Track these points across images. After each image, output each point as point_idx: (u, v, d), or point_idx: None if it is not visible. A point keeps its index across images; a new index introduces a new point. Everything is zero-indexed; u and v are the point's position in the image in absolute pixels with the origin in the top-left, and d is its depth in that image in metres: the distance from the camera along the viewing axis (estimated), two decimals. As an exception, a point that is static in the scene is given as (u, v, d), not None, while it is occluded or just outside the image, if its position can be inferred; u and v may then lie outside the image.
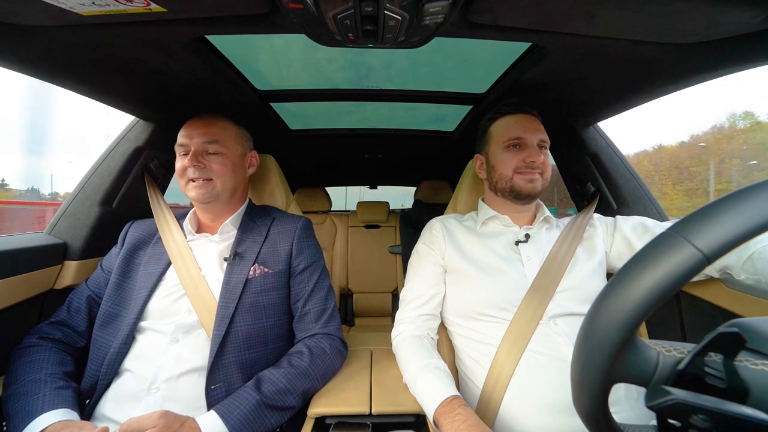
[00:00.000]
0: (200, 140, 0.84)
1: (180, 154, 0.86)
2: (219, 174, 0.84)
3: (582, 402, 0.35)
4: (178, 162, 0.85)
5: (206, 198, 0.84)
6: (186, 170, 0.83)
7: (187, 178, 0.83)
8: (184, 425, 0.58)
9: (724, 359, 0.31)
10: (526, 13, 0.58)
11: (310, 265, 0.88)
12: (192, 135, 0.84)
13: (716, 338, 0.31)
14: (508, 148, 0.85)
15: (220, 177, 0.84)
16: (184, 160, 0.83)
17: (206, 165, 0.83)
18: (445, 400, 0.64)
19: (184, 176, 0.84)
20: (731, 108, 74.80)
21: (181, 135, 0.86)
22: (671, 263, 0.28)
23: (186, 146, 0.84)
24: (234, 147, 0.89)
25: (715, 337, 0.31)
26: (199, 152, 0.83)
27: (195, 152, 0.82)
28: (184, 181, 0.85)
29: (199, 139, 0.84)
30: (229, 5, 0.56)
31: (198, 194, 0.83)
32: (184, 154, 0.84)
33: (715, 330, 0.31)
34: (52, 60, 0.70)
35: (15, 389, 0.65)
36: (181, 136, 0.85)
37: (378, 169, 2.52)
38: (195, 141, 0.84)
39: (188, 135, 0.84)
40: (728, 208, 0.27)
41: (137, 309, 0.75)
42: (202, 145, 0.84)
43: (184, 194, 0.86)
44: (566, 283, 0.76)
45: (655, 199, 1.06)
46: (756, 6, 0.53)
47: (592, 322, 0.32)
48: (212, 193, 0.84)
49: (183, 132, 0.86)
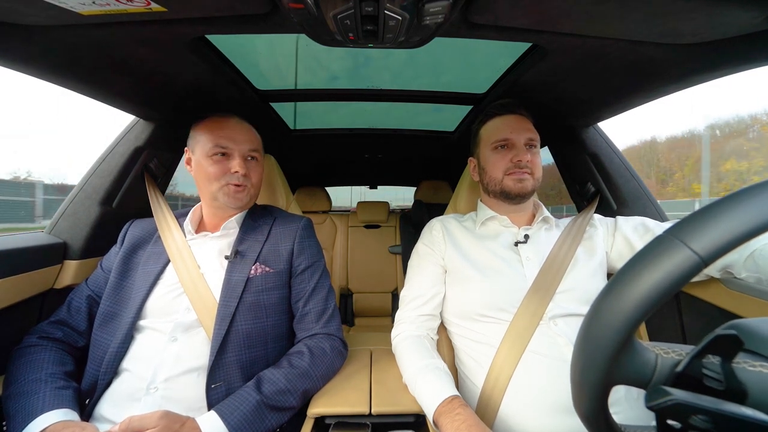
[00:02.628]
0: (247, 147, 0.84)
1: (213, 155, 0.83)
2: (255, 182, 0.88)
3: (582, 404, 0.35)
4: (212, 164, 0.82)
5: (242, 204, 0.86)
6: (226, 174, 0.82)
7: (227, 182, 0.82)
8: (184, 426, 0.58)
9: (721, 361, 0.31)
10: (526, 13, 0.58)
11: (311, 265, 0.88)
12: (238, 140, 0.84)
13: (714, 340, 0.31)
14: (496, 149, 0.86)
15: (255, 185, 0.88)
16: (226, 163, 0.82)
17: (248, 173, 0.84)
18: (444, 400, 0.64)
19: (221, 179, 0.82)
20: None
21: (218, 136, 0.83)
22: (668, 266, 0.28)
23: (228, 150, 0.83)
24: (262, 155, 0.92)
25: (713, 339, 0.31)
26: (244, 158, 0.84)
27: (243, 158, 0.84)
28: (220, 183, 0.82)
29: (246, 145, 0.84)
30: (230, 5, 0.56)
31: (235, 200, 0.84)
32: (221, 155, 0.83)
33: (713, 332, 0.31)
34: (53, 59, 0.70)
35: (15, 389, 0.65)
36: (219, 137, 0.83)
37: (378, 169, 2.52)
38: (242, 147, 0.84)
39: (232, 139, 0.83)
40: (724, 211, 0.27)
41: (136, 308, 0.75)
42: (248, 152, 0.85)
43: (211, 195, 0.84)
44: (566, 283, 0.76)
45: (655, 200, 1.06)
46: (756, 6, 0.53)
47: (591, 324, 0.32)
48: (247, 199, 0.86)
49: (221, 133, 0.83)
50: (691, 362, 0.32)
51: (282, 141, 1.64)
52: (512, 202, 0.86)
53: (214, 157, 0.83)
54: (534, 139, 0.85)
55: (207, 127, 0.85)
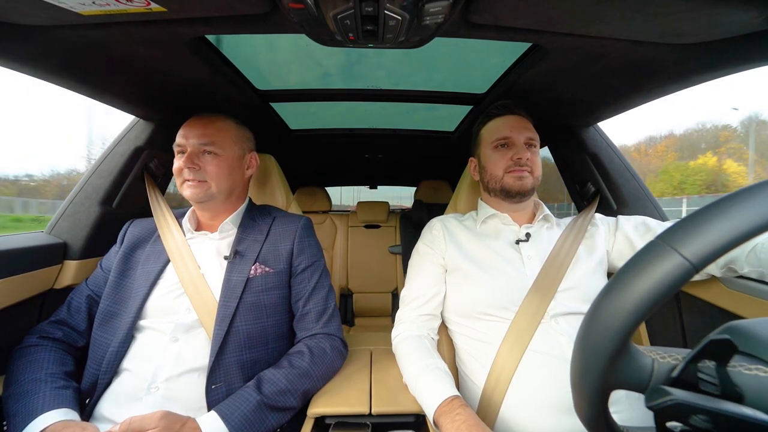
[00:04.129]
0: (196, 141, 0.83)
1: (177, 153, 0.85)
2: (213, 176, 0.84)
3: (582, 407, 0.35)
4: (175, 161, 0.85)
5: (199, 198, 0.84)
6: (182, 170, 0.83)
7: (183, 179, 0.83)
8: (184, 426, 0.58)
9: (717, 366, 0.31)
10: (526, 14, 0.58)
11: (310, 264, 0.88)
12: (189, 135, 0.84)
13: (707, 345, 0.31)
14: (497, 148, 0.86)
15: (214, 179, 0.84)
16: (180, 160, 0.83)
17: (201, 166, 0.83)
18: (445, 400, 0.63)
19: (180, 176, 0.84)
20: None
21: (178, 134, 0.85)
22: (659, 273, 0.28)
23: (182, 146, 0.84)
24: (231, 148, 0.88)
25: (707, 344, 0.31)
26: (194, 153, 0.83)
27: (190, 153, 0.82)
28: (179, 180, 0.84)
29: (195, 140, 0.83)
30: (230, 5, 0.56)
31: (191, 194, 0.83)
32: (180, 153, 0.84)
33: (707, 337, 0.31)
34: (53, 60, 0.70)
35: (15, 389, 0.65)
36: (178, 136, 0.85)
37: (378, 169, 2.52)
38: (191, 142, 0.83)
39: (185, 135, 0.84)
40: (714, 216, 0.27)
41: (136, 307, 0.75)
42: (198, 146, 0.83)
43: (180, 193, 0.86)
44: (568, 282, 0.76)
45: (655, 200, 1.06)
46: (756, 6, 0.53)
47: (587, 330, 0.32)
48: (206, 194, 0.84)
49: (181, 132, 0.85)
50: (686, 367, 0.32)
51: (282, 141, 1.64)
52: (512, 200, 0.86)
53: (177, 156, 0.85)
54: (533, 139, 0.86)
55: (181, 127, 0.87)
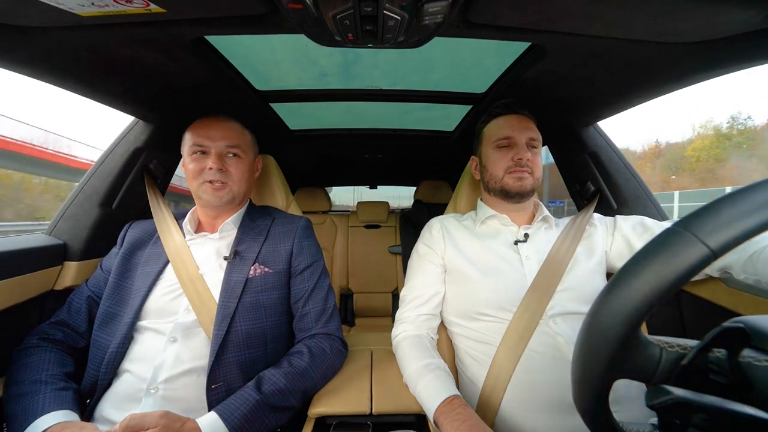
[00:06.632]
0: (223, 143, 0.83)
1: (193, 154, 0.83)
2: (237, 179, 0.85)
3: (582, 398, 0.35)
4: (192, 162, 0.83)
5: (221, 201, 0.84)
6: (203, 171, 0.82)
7: (204, 180, 0.82)
8: (184, 425, 0.58)
9: (727, 355, 0.31)
10: (526, 13, 0.58)
11: (310, 264, 0.88)
12: (213, 137, 0.83)
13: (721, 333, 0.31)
14: (498, 147, 0.86)
15: (237, 182, 0.85)
16: (203, 161, 0.82)
17: (226, 169, 0.83)
18: (445, 399, 0.64)
19: (199, 177, 0.83)
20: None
21: (197, 135, 0.84)
22: (678, 258, 0.28)
23: (205, 147, 0.83)
24: (249, 152, 0.90)
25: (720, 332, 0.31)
26: (221, 155, 0.83)
27: (219, 154, 0.82)
28: (198, 182, 0.83)
29: (222, 142, 0.83)
30: (229, 5, 0.56)
31: (215, 197, 0.83)
32: (200, 153, 0.83)
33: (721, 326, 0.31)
34: (52, 61, 0.70)
35: (15, 390, 0.65)
36: (198, 136, 0.83)
37: (378, 169, 2.52)
38: (218, 144, 0.83)
39: (209, 136, 0.83)
40: (734, 204, 0.28)
41: (135, 308, 0.75)
42: (224, 148, 0.83)
43: (195, 193, 0.85)
44: (566, 282, 0.76)
45: (655, 199, 1.06)
46: (756, 5, 0.53)
47: (597, 315, 0.32)
48: (228, 197, 0.84)
49: (200, 132, 0.84)
50: (696, 355, 0.32)
51: (282, 141, 1.64)
52: (512, 201, 0.86)
53: (194, 156, 0.84)
54: (535, 140, 0.85)
55: (193, 127, 0.86)
